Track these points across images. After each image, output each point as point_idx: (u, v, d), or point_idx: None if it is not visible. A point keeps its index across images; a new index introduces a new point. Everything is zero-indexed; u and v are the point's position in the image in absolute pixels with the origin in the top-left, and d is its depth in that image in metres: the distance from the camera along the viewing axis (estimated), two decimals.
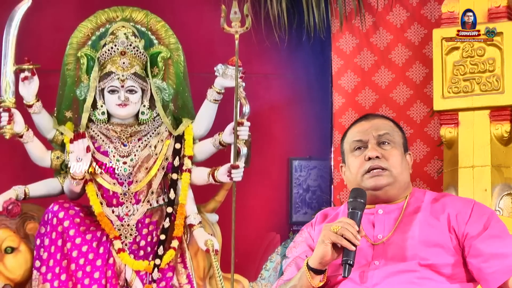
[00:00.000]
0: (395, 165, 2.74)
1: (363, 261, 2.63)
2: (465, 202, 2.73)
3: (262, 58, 4.96)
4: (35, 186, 4.33)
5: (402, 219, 2.71)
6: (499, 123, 3.86)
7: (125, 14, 4.46)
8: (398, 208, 2.74)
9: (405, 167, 2.77)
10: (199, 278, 4.31)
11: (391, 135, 2.78)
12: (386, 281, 2.60)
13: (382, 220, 2.72)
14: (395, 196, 2.76)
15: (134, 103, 4.30)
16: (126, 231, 4.24)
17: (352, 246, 2.53)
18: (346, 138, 2.84)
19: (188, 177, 4.31)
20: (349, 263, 2.53)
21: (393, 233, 2.68)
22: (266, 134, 4.84)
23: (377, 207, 2.75)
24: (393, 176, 2.73)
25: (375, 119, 2.83)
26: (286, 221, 5.00)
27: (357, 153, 2.78)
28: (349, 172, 2.80)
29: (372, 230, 2.71)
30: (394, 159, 2.74)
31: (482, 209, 2.72)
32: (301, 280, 2.63)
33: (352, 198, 2.64)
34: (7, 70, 4.18)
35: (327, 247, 2.56)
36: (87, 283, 4.11)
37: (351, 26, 4.86)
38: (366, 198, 2.64)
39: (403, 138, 2.82)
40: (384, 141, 2.77)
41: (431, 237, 2.63)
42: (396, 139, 2.78)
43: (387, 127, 2.80)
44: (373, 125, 2.80)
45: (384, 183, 2.73)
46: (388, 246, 2.66)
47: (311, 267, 2.60)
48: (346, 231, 2.53)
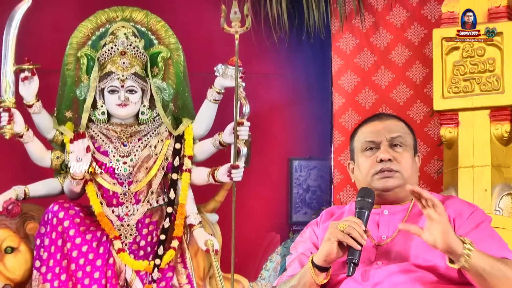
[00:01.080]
0: (406, 167, 2.75)
1: (366, 260, 2.64)
2: (467, 207, 2.74)
3: (262, 58, 4.96)
4: (35, 186, 4.33)
5: (407, 220, 2.72)
6: (499, 123, 3.86)
7: (125, 14, 4.46)
8: (404, 209, 2.75)
9: (414, 170, 2.80)
10: (199, 278, 4.31)
11: (403, 137, 2.80)
12: (388, 280, 2.60)
13: (387, 221, 2.73)
14: (403, 198, 2.77)
15: (134, 103, 4.30)
16: (126, 231, 4.24)
17: (358, 245, 2.54)
18: (357, 137, 2.84)
19: (188, 177, 4.31)
20: (354, 262, 2.54)
21: (397, 234, 2.69)
22: (266, 134, 4.84)
23: (382, 208, 2.76)
24: (404, 178, 2.75)
25: (388, 120, 2.84)
26: (286, 221, 5.00)
27: (369, 154, 2.78)
28: (359, 171, 2.81)
29: (377, 230, 2.71)
30: (405, 162, 2.76)
31: (481, 215, 2.73)
32: (305, 277, 2.64)
33: (360, 198, 2.65)
34: (7, 70, 4.18)
35: (333, 245, 2.57)
36: (87, 283, 4.11)
37: (351, 26, 4.86)
38: (374, 197, 2.65)
39: (414, 140, 2.85)
40: (396, 144, 2.78)
41: None
42: (408, 142, 2.80)
43: (400, 129, 2.82)
44: (386, 127, 2.81)
45: (394, 184, 2.74)
46: (392, 247, 2.67)
47: (316, 264, 2.61)
48: (353, 230, 2.54)
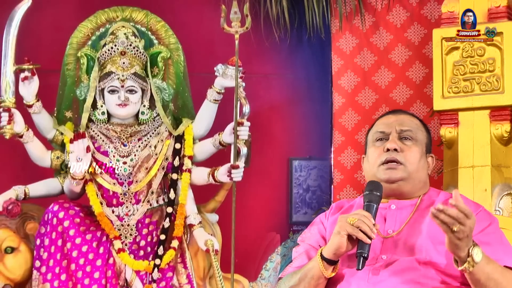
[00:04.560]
0: (412, 161, 2.76)
1: (371, 254, 2.63)
2: (473, 206, 2.71)
3: (262, 58, 4.96)
4: (35, 186, 4.33)
5: (413, 216, 2.73)
6: (499, 123, 3.86)
7: (125, 14, 4.46)
8: (411, 205, 2.76)
9: (422, 166, 2.79)
10: (199, 278, 4.31)
11: (414, 132, 2.81)
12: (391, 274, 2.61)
13: (394, 215, 2.73)
14: (409, 192, 2.77)
15: (134, 103, 4.30)
16: (126, 231, 4.24)
17: (367, 239, 2.55)
18: (371, 130, 2.87)
19: (188, 177, 4.31)
20: (363, 256, 2.55)
21: (403, 229, 2.70)
22: (266, 134, 4.84)
23: (390, 202, 2.77)
24: (408, 171, 2.75)
25: (402, 115, 2.87)
26: (286, 221, 5.00)
27: (378, 144, 2.81)
28: (367, 162, 2.82)
29: (383, 224, 2.72)
30: (412, 155, 2.76)
31: (486, 215, 2.73)
32: (313, 270, 2.64)
33: (369, 191, 2.66)
34: (7, 70, 4.18)
35: (343, 239, 2.58)
36: (87, 283, 4.11)
37: (351, 26, 4.86)
38: (382, 191, 2.65)
39: (428, 138, 2.85)
40: (405, 137, 2.80)
41: (439, 235, 2.63)
42: (418, 138, 2.81)
43: (412, 124, 2.83)
44: (398, 120, 2.83)
45: (397, 177, 2.74)
46: (397, 241, 2.68)
47: (325, 257, 2.62)
48: (362, 224, 2.55)
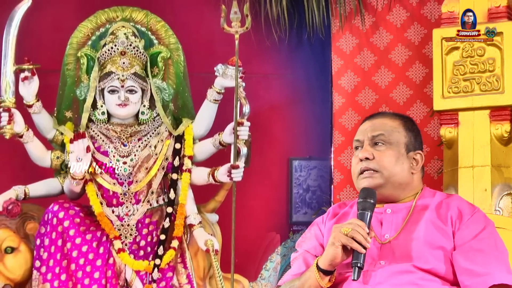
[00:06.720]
0: (386, 165, 2.73)
1: (369, 260, 2.63)
2: (468, 208, 2.71)
3: (262, 58, 4.96)
4: (35, 186, 4.33)
5: (409, 219, 2.71)
6: (499, 123, 3.85)
7: (125, 14, 4.46)
8: (406, 207, 2.74)
9: (401, 168, 2.75)
10: (199, 278, 4.31)
11: (387, 135, 2.76)
12: (389, 280, 2.60)
13: (390, 220, 2.72)
14: (395, 196, 2.76)
15: (134, 103, 4.30)
16: (126, 231, 4.24)
17: (362, 249, 2.54)
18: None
19: (188, 177, 4.31)
20: (359, 266, 2.54)
21: (399, 233, 2.69)
22: (266, 134, 4.84)
23: (385, 206, 2.75)
24: (384, 177, 2.73)
25: (377, 119, 2.82)
26: (286, 221, 5.00)
27: (357, 153, 2.79)
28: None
29: (380, 229, 2.71)
30: (386, 160, 2.73)
31: (481, 218, 2.70)
32: (310, 280, 2.64)
33: (362, 199, 2.65)
34: (7, 70, 4.18)
35: (338, 249, 2.57)
36: (87, 283, 4.11)
37: (351, 26, 4.86)
38: (376, 197, 2.65)
39: (408, 137, 2.78)
40: (377, 142, 2.76)
41: (435, 239, 2.63)
42: (393, 140, 2.76)
43: (385, 127, 2.78)
44: (371, 125, 2.79)
45: (374, 184, 2.72)
46: (394, 246, 2.67)
47: (320, 268, 2.61)
48: (356, 234, 2.54)
